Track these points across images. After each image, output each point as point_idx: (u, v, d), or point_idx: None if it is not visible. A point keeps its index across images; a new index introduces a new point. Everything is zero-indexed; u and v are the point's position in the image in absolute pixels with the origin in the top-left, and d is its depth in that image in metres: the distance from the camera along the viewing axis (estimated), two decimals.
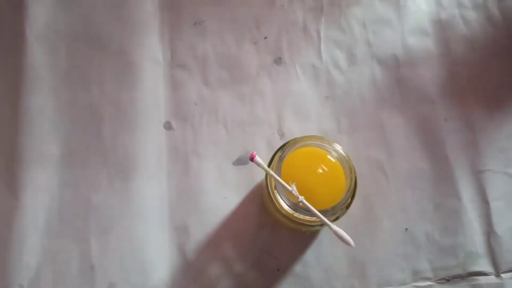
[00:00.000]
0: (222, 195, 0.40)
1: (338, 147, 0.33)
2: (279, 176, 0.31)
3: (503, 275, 0.38)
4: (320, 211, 0.30)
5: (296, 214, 0.31)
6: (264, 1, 0.45)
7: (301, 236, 0.39)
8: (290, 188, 0.30)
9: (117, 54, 0.43)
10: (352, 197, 0.32)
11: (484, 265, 0.38)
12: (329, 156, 0.33)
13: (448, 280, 0.38)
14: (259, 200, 0.40)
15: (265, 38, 0.44)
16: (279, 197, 0.32)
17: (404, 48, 0.44)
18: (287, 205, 0.32)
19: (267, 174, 0.33)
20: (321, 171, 0.33)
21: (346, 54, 0.44)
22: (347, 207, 0.32)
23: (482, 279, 0.38)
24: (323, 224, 0.30)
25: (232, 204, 0.40)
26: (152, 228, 0.39)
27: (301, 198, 0.30)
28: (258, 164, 0.31)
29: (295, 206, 0.31)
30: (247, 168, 0.40)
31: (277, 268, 0.38)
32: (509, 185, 0.40)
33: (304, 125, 0.42)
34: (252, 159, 0.30)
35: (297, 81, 0.43)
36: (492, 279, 0.38)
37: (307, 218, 0.31)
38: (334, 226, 0.29)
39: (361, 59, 0.44)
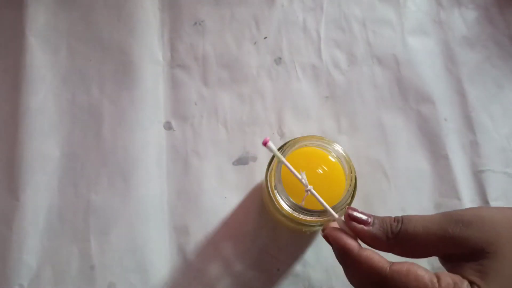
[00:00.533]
0: (222, 195, 0.40)
1: (338, 147, 0.33)
2: (279, 176, 0.31)
3: None
4: (320, 211, 0.30)
5: (296, 214, 0.31)
6: (264, 0, 0.45)
7: (301, 236, 0.39)
8: (300, 176, 0.29)
9: (117, 54, 0.43)
10: (352, 197, 0.32)
11: None
12: (329, 156, 0.33)
13: None
14: (259, 200, 0.40)
15: (265, 38, 0.44)
16: (279, 197, 0.32)
17: (404, 48, 0.44)
18: (287, 205, 0.31)
19: (267, 174, 0.33)
20: (321, 171, 0.33)
21: (346, 54, 0.44)
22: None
23: None
24: (323, 224, 0.30)
25: (232, 204, 0.40)
26: (152, 228, 0.39)
27: (310, 187, 0.29)
28: (271, 150, 0.29)
29: (295, 206, 0.31)
30: (247, 168, 0.40)
31: (277, 268, 0.38)
32: (509, 185, 0.40)
33: (304, 125, 0.42)
34: (265, 143, 0.29)
35: (297, 81, 0.43)
36: None
37: (307, 218, 0.31)
38: (341, 219, 0.28)
39: (361, 59, 0.44)
